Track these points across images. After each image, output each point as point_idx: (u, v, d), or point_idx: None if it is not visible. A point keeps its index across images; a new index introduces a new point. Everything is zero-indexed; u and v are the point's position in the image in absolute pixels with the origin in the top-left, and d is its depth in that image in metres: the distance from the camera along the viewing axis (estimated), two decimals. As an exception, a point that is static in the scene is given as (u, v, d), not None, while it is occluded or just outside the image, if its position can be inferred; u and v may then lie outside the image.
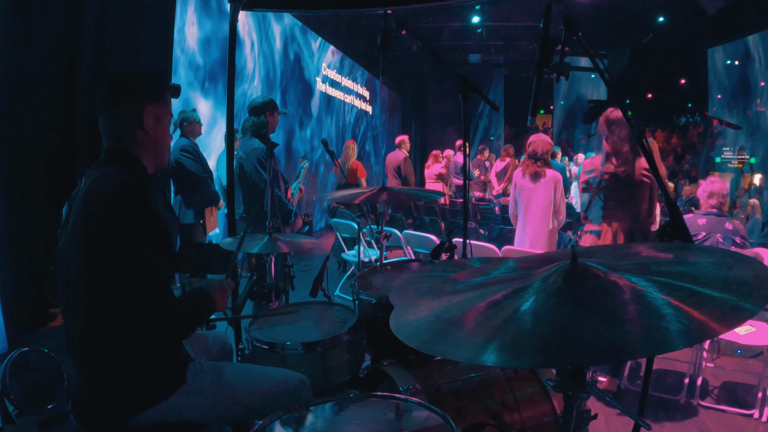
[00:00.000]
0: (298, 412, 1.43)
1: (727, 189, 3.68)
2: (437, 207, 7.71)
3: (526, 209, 4.15)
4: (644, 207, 3.17)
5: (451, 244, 2.38)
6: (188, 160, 4.37)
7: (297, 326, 2.16)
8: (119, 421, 1.48)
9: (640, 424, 1.44)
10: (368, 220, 3.47)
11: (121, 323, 1.43)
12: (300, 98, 9.30)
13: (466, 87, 2.28)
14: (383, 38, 2.25)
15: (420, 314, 1.11)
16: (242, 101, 6.90)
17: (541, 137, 4.17)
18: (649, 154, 1.46)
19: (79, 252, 1.44)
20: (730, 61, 11.61)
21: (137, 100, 1.54)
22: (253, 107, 3.79)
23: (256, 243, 2.48)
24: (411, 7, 3.25)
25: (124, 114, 1.54)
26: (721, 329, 0.83)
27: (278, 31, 8.40)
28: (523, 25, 12.53)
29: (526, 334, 0.90)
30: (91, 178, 1.50)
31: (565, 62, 1.52)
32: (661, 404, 3.18)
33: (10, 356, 1.99)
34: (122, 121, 1.54)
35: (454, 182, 9.77)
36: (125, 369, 1.47)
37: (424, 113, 17.36)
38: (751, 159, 10.79)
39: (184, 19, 5.83)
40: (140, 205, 1.43)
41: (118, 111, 1.54)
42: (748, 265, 1.01)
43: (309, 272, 5.27)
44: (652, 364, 1.99)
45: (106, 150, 1.56)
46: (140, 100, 1.54)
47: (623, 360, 3.01)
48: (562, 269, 1.04)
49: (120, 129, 1.55)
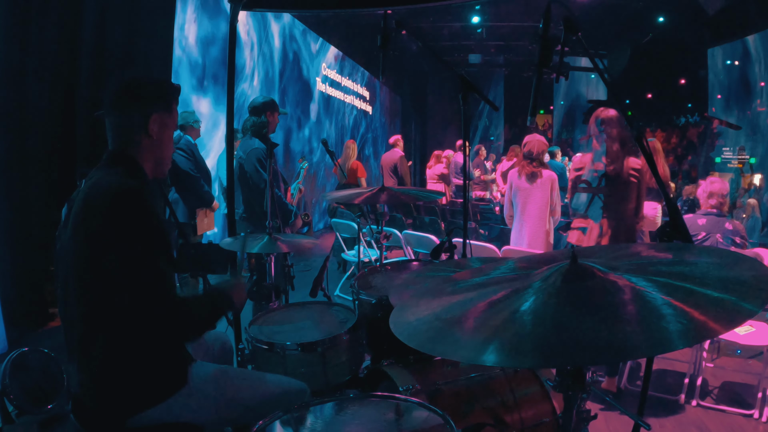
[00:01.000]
0: (297, 412, 1.43)
1: (727, 189, 3.68)
2: (437, 207, 7.70)
3: (523, 210, 4.15)
4: (631, 206, 3.21)
5: (451, 244, 2.38)
6: (182, 158, 4.32)
7: (297, 326, 2.16)
8: (119, 421, 1.48)
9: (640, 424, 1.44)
10: (368, 220, 3.46)
11: (123, 323, 1.43)
12: (299, 98, 9.31)
13: (466, 87, 2.28)
14: (383, 38, 2.25)
15: (420, 314, 1.11)
16: (241, 101, 6.91)
17: (535, 137, 4.16)
18: (648, 155, 1.46)
19: (79, 253, 1.44)
20: (730, 61, 11.61)
21: (145, 106, 1.56)
22: (254, 107, 3.78)
23: (256, 243, 2.48)
24: (411, 7, 3.25)
25: (131, 119, 1.56)
26: (721, 329, 0.83)
27: (278, 30, 8.40)
28: (523, 25, 12.53)
29: (526, 334, 0.90)
30: (91, 180, 1.51)
31: (565, 62, 1.52)
32: (661, 404, 3.18)
33: (10, 356, 1.99)
34: (129, 125, 1.56)
35: (455, 182, 9.78)
36: (126, 369, 1.47)
37: (424, 113, 17.36)
38: (751, 159, 10.79)
39: (183, 19, 5.83)
40: (140, 207, 1.44)
41: (125, 115, 1.56)
42: (748, 265, 1.01)
43: (309, 272, 5.27)
44: (652, 364, 1.99)
45: (109, 152, 1.58)
46: (148, 107, 1.57)
47: (623, 360, 3.01)
48: (561, 269, 1.05)
49: (125, 133, 1.57)
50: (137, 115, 1.56)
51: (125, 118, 1.56)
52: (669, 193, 1.46)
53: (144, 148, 1.58)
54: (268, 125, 3.77)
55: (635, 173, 3.15)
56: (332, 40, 10.56)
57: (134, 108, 1.56)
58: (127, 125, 1.56)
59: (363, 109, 13.05)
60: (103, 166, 1.55)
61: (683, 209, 8.03)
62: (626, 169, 3.15)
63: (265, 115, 3.75)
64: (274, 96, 7.70)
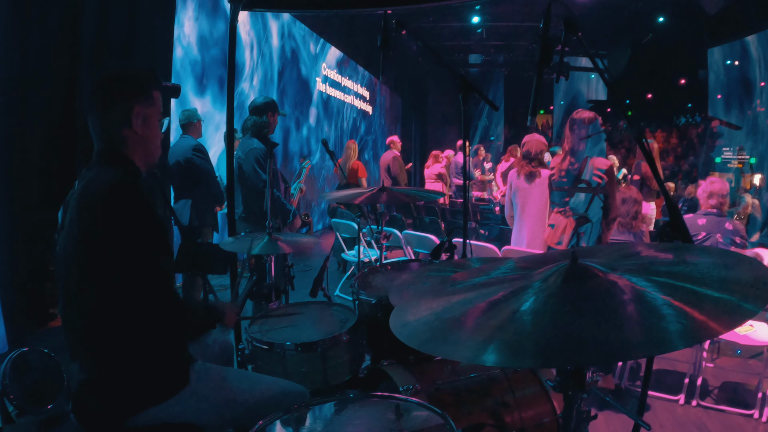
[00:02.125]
0: (297, 412, 1.43)
1: (727, 189, 3.68)
2: (437, 207, 7.71)
3: (523, 210, 4.15)
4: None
5: (451, 244, 2.38)
6: (201, 159, 4.36)
7: (297, 326, 2.15)
8: (120, 421, 1.48)
9: (640, 424, 1.44)
10: (368, 220, 3.46)
11: (123, 323, 1.43)
12: (299, 98, 9.30)
13: (466, 87, 2.28)
14: (383, 38, 2.25)
15: (420, 314, 1.11)
16: (240, 101, 6.91)
17: (534, 137, 4.17)
18: (648, 154, 1.47)
19: (77, 254, 1.44)
20: (730, 61, 11.61)
21: (124, 100, 1.54)
22: (255, 107, 3.81)
23: (256, 243, 2.48)
24: (411, 7, 3.26)
25: (112, 115, 1.54)
26: (721, 329, 0.83)
27: (277, 30, 8.40)
28: (523, 25, 12.53)
29: (526, 334, 0.90)
30: (84, 180, 1.50)
31: (565, 62, 1.53)
32: (661, 404, 3.18)
33: (10, 356, 1.99)
34: (111, 122, 1.54)
35: (455, 182, 9.79)
36: (127, 369, 1.47)
37: (424, 113, 17.36)
38: (751, 159, 10.79)
39: (183, 19, 5.84)
40: (135, 202, 1.43)
41: (106, 112, 1.54)
42: (748, 265, 1.01)
43: (309, 272, 5.27)
44: (652, 364, 1.99)
45: (97, 152, 1.56)
46: (127, 100, 1.54)
47: (623, 360, 3.01)
48: (561, 269, 1.05)
49: (109, 130, 1.55)
50: (118, 111, 1.53)
51: (106, 115, 1.54)
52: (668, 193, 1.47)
53: (131, 142, 1.55)
54: (269, 125, 3.80)
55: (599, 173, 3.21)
56: (332, 40, 10.55)
57: (114, 104, 1.53)
58: (108, 122, 1.54)
59: (363, 110, 13.05)
60: (94, 165, 1.54)
61: (683, 209, 8.04)
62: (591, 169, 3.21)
63: (266, 116, 3.78)
64: (273, 96, 7.71)
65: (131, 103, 1.54)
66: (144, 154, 1.61)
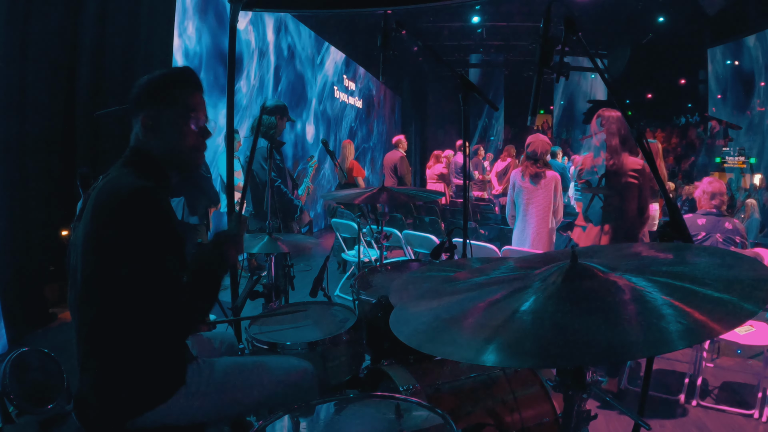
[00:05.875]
0: (298, 411, 1.43)
1: (725, 188, 3.68)
2: (437, 207, 7.71)
3: (526, 210, 4.14)
4: (631, 207, 3.19)
5: (451, 244, 2.38)
6: None
7: (297, 326, 2.15)
8: (121, 421, 1.47)
9: (640, 424, 1.44)
10: (368, 220, 3.46)
11: (129, 322, 1.43)
12: (298, 98, 9.30)
13: (466, 87, 2.28)
14: (383, 38, 2.25)
15: (420, 314, 1.11)
16: (239, 100, 6.90)
17: (539, 137, 4.15)
18: (648, 154, 1.46)
19: (88, 249, 1.44)
20: (730, 61, 11.61)
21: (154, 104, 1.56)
22: (266, 108, 3.89)
23: (256, 243, 2.48)
24: (411, 7, 3.26)
25: (143, 117, 1.55)
26: (721, 329, 0.83)
27: (277, 30, 8.40)
28: (523, 25, 12.54)
29: (526, 334, 0.90)
30: (107, 177, 1.51)
31: (565, 62, 1.52)
32: (661, 404, 3.18)
33: (10, 356, 1.99)
34: (141, 124, 1.56)
35: (455, 182, 9.80)
36: (128, 369, 1.47)
37: (424, 113, 17.36)
38: (751, 159, 10.79)
39: (183, 19, 5.83)
40: (149, 208, 1.42)
41: (138, 114, 1.56)
42: (748, 265, 1.01)
43: (309, 272, 5.27)
44: (652, 364, 1.98)
45: (129, 149, 1.58)
46: (156, 105, 1.56)
47: (623, 360, 3.01)
48: (561, 269, 1.04)
49: (139, 131, 1.57)
50: (148, 114, 1.55)
51: (138, 116, 1.56)
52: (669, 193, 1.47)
53: (157, 145, 1.57)
54: (276, 127, 3.94)
55: (634, 173, 3.15)
56: (332, 40, 10.55)
57: (145, 107, 1.56)
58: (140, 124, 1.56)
59: (363, 109, 13.05)
60: (120, 164, 1.55)
61: (683, 209, 8.04)
62: (626, 166, 3.15)
63: (275, 117, 3.92)
64: (270, 96, 7.73)
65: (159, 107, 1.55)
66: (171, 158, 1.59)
